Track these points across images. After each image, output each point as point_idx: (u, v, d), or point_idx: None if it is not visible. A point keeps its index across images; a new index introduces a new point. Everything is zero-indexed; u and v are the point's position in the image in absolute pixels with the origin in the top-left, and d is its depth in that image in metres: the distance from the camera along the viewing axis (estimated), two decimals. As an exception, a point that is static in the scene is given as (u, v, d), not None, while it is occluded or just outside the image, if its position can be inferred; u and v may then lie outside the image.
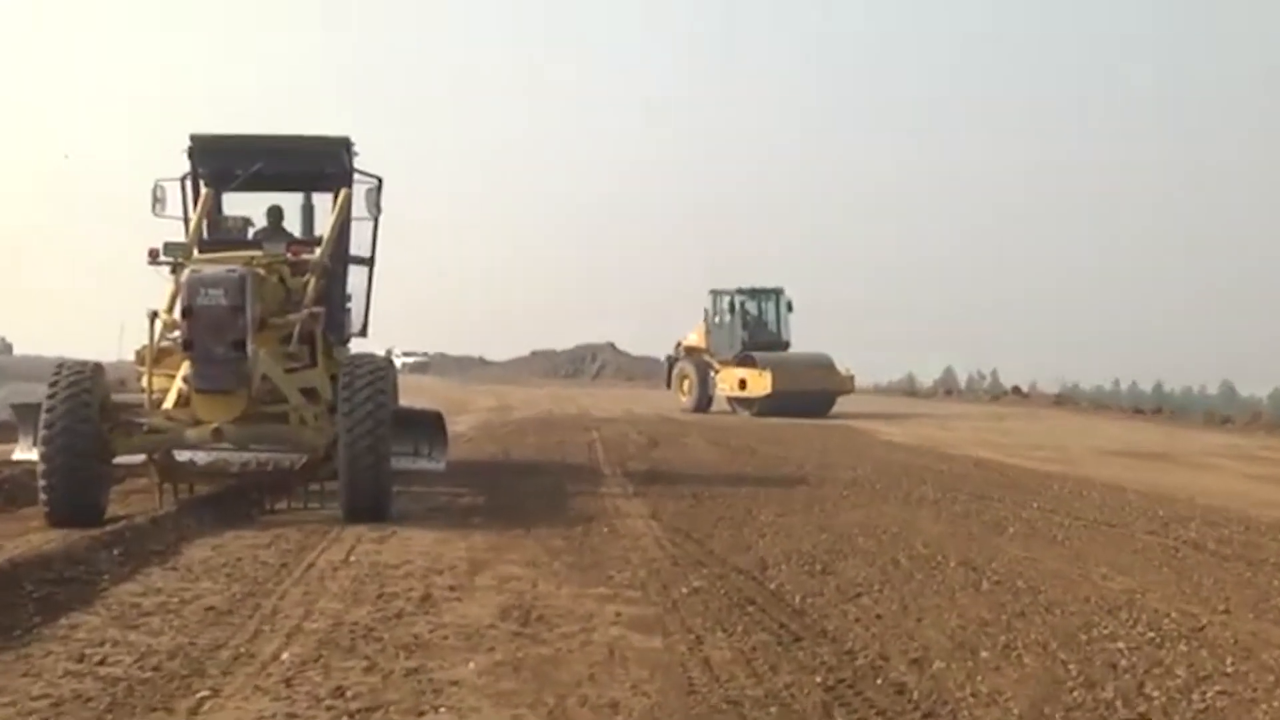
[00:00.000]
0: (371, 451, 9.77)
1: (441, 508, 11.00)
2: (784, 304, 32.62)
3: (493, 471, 14.26)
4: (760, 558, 8.43)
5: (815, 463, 15.90)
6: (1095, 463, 17.01)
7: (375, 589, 7.14)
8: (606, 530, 9.64)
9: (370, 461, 9.77)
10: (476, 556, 8.39)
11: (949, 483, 13.55)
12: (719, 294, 32.81)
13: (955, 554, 8.65)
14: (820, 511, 10.97)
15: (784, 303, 32.62)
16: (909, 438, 21.89)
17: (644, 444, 18.86)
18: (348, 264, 12.36)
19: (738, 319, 32.01)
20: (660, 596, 7.07)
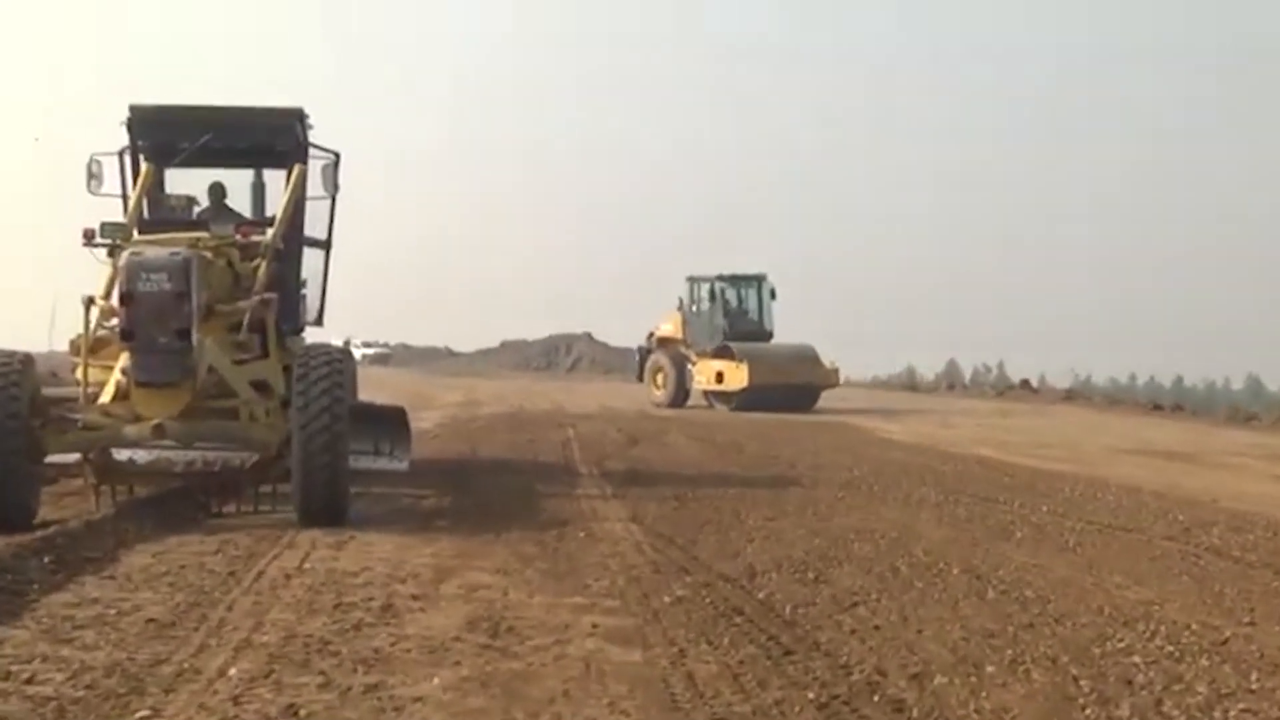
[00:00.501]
0: (328, 450, 9.74)
1: (404, 510, 10.97)
2: (767, 292, 32.75)
3: (460, 472, 14.24)
4: (748, 564, 8.43)
5: (808, 462, 15.93)
6: (1109, 462, 17.09)
7: (332, 598, 7.11)
8: (583, 535, 9.63)
9: (326, 460, 9.74)
10: (442, 563, 8.37)
11: (952, 484, 13.59)
12: (697, 281, 32.90)
13: (958, 561, 8.67)
14: (813, 515, 10.98)
15: (767, 290, 32.76)
16: (909, 435, 21.94)
17: (623, 442, 18.86)
18: (302, 246, 12.31)
19: (718, 308, 32.13)
20: (640, 606, 7.07)
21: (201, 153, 11.84)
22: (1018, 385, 44.47)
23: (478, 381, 49.81)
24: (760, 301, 32.86)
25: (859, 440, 20.48)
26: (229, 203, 12.47)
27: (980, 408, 33.73)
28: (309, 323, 12.79)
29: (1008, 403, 37.03)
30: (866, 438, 21.15)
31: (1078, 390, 42.26)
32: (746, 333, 31.80)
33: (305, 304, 12.63)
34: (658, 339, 33.14)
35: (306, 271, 12.55)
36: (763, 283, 32.88)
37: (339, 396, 9.86)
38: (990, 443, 20.34)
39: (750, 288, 33.00)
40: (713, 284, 32.52)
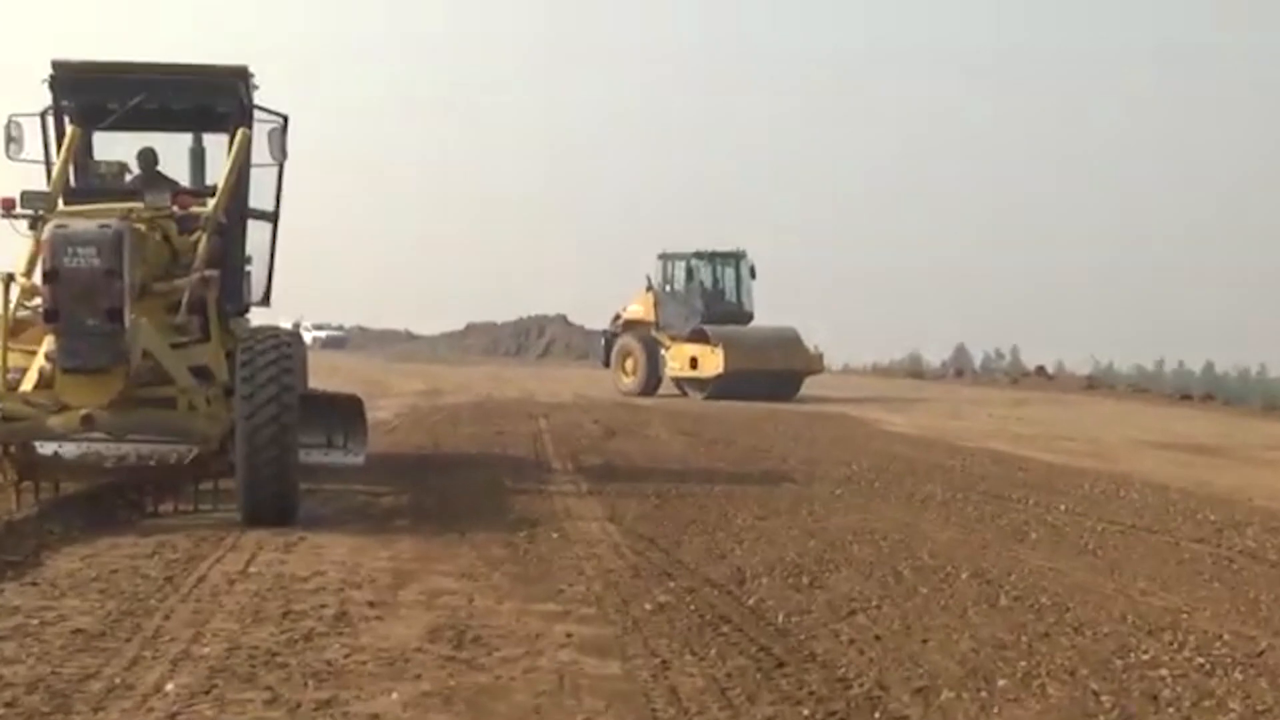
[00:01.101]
0: (275, 443, 9.71)
1: (359, 509, 10.95)
2: (746, 270, 32.84)
3: (420, 467, 14.22)
4: (737, 568, 8.44)
5: (802, 456, 15.96)
6: (1134, 457, 17.16)
7: (280, 606, 7.10)
8: (556, 535, 9.63)
9: (274, 455, 9.71)
10: (401, 567, 8.36)
11: (960, 480, 13.63)
12: (670, 258, 32.99)
13: (967, 564, 8.69)
14: (808, 514, 11.00)
15: (746, 269, 32.85)
16: (913, 427, 22.00)
17: (599, 434, 18.86)
18: (247, 219, 12.26)
19: (694, 287, 32.20)
20: (619, 614, 7.08)
21: (134, 115, 11.76)
22: (1033, 373, 44.64)
23: (441, 368, 49.73)
24: (739, 281, 32.96)
25: (858, 433, 20.52)
26: (165, 170, 12.40)
27: (992, 397, 33.83)
28: (254, 303, 12.74)
29: (1022, 392, 37.15)
30: (867, 430, 21.20)
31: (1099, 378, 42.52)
32: (725, 314, 31.92)
33: (250, 282, 12.57)
34: (625, 322, 33.22)
35: (251, 246, 12.49)
36: (741, 260, 32.95)
37: (287, 384, 9.83)
38: (1003, 435, 20.41)
39: (728, 265, 33.07)
40: (688, 261, 32.59)
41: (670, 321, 32.08)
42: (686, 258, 32.71)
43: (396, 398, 28.26)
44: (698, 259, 32.64)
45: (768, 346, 30.65)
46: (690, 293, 32.27)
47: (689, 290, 32.33)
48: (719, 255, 32.97)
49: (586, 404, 27.13)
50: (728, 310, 32.31)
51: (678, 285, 32.67)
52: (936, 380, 46.64)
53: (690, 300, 32.18)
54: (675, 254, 33.04)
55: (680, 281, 32.65)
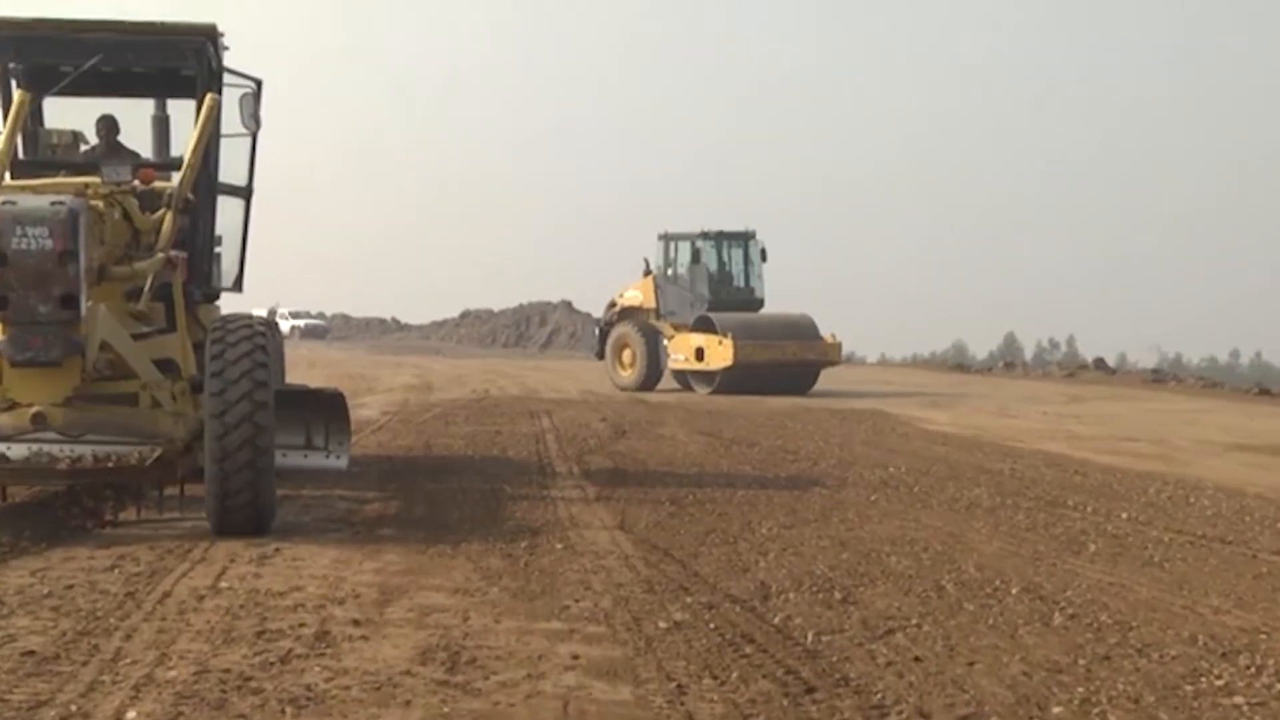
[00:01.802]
0: (248, 445, 9.72)
1: (342, 518, 10.97)
2: (756, 252, 32.89)
3: (410, 470, 14.24)
4: (761, 582, 8.44)
5: (834, 459, 15.95)
6: (1206, 459, 17.11)
7: (254, 625, 7.11)
8: (560, 546, 9.64)
9: (246, 458, 9.72)
10: (389, 581, 8.37)
11: (1010, 485, 13.61)
12: (672, 239, 33.03)
13: (1017, 578, 8.68)
14: (840, 522, 11.00)
15: (756, 251, 32.88)
16: (957, 426, 21.97)
17: (609, 434, 18.87)
18: (216, 195, 12.26)
19: (700, 271, 32.20)
20: (630, 633, 7.08)
21: (89, 78, 11.75)
22: (1091, 365, 44.55)
23: (433, 360, 49.79)
24: (749, 263, 33.00)
25: (896, 432, 20.50)
26: (124, 140, 12.42)
27: (1045, 392, 33.76)
28: (225, 288, 12.75)
29: (1079, 386, 37.08)
30: (905, 429, 21.17)
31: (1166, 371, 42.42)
32: (733, 301, 32.04)
33: (220, 265, 12.59)
34: (621, 309, 33.27)
35: (221, 226, 12.50)
36: (751, 241, 32.99)
37: (261, 379, 9.83)
38: (1057, 435, 20.36)
39: (737, 247, 33.12)
40: (693, 242, 32.61)
41: (672, 308, 32.12)
42: (691, 238, 32.71)
43: (383, 394, 28.28)
44: (703, 239, 32.64)
45: (780, 336, 30.74)
46: (695, 277, 32.28)
47: (693, 274, 32.34)
48: (726, 235, 32.98)
49: (594, 400, 27.14)
50: (736, 296, 32.36)
51: (681, 268, 32.71)
52: (983, 373, 46.56)
53: (695, 285, 32.20)
54: (678, 234, 33.05)
55: (684, 264, 32.68)
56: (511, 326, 79.22)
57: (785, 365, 30.33)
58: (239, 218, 12.79)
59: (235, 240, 12.82)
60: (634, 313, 32.87)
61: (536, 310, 79.57)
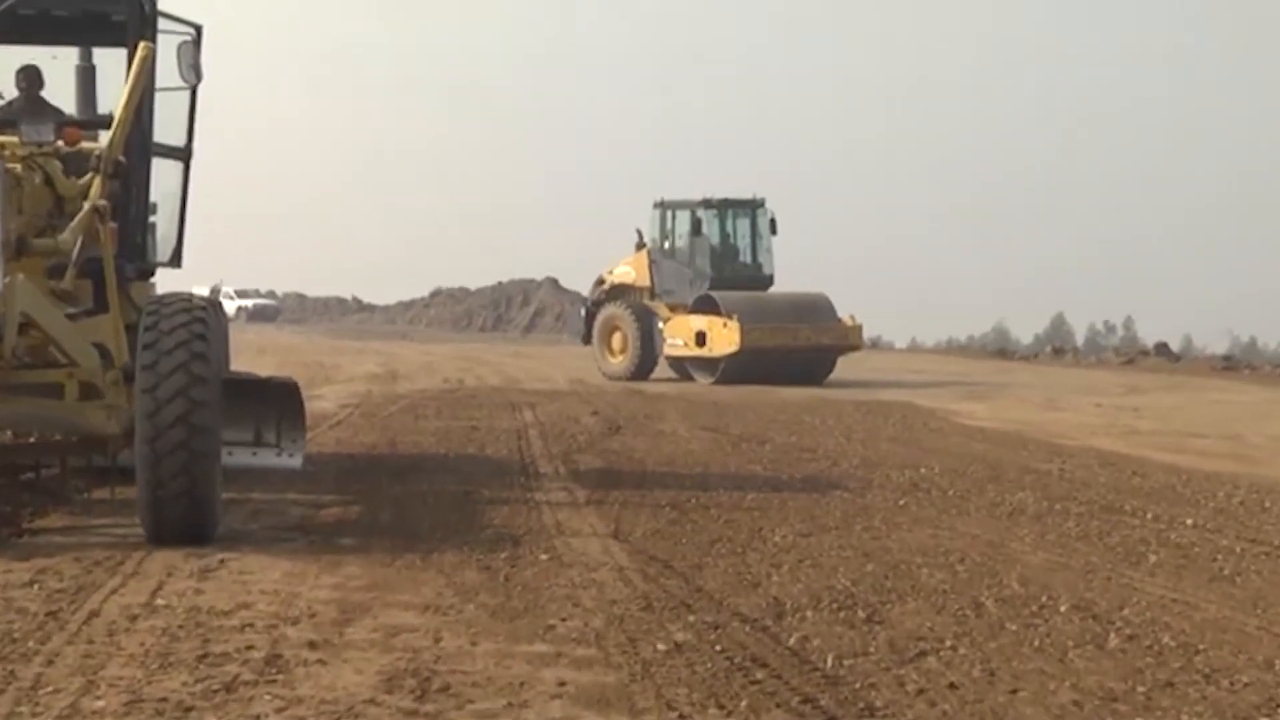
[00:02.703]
0: (187, 440, 9.70)
1: (296, 525, 10.95)
2: (765, 223, 32.82)
3: (373, 471, 14.23)
4: (774, 598, 8.44)
5: (857, 458, 15.94)
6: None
7: (195, 648, 7.10)
8: (545, 557, 9.63)
9: (182, 461, 9.72)
10: (349, 597, 8.36)
11: (1059, 488, 13.61)
12: (670, 208, 32.93)
13: (1067, 594, 8.68)
14: (864, 530, 10.99)
15: (765, 221, 32.82)
16: (998, 420, 21.96)
17: (600, 429, 18.87)
18: (151, 157, 12.24)
19: (702, 244, 32.16)
20: (625, 656, 7.07)
21: (6, 22, 11.73)
22: (1152, 350, 44.54)
23: (399, 346, 49.79)
24: (756, 236, 32.98)
25: (928, 427, 20.49)
26: (47, 95, 12.38)
27: (1100, 382, 33.75)
28: (161, 263, 12.74)
29: (1138, 374, 37.07)
30: (938, 424, 21.17)
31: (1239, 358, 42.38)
32: (739, 278, 32.03)
33: (155, 237, 12.57)
34: (611, 287, 33.23)
35: (157, 192, 12.48)
36: (759, 210, 32.93)
37: (199, 373, 9.78)
38: (1114, 430, 20.36)
39: (743, 217, 33.10)
40: (693, 211, 32.49)
41: (670, 287, 32.09)
42: (690, 206, 32.62)
43: (343, 384, 28.27)
44: (705, 208, 32.55)
45: (793, 318, 30.74)
46: (696, 250, 32.21)
47: (694, 247, 32.26)
48: (731, 204, 32.93)
49: (584, 392, 27.13)
50: (742, 272, 32.34)
51: (679, 241, 32.64)
52: (1028, 360, 46.56)
53: (695, 260, 32.14)
54: (676, 202, 32.95)
55: (682, 236, 32.61)
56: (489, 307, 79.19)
57: (798, 351, 30.35)
58: (177, 183, 12.77)
59: (173, 208, 12.80)
60: (625, 291, 32.83)
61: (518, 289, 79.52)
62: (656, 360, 31.91)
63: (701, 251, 32.20)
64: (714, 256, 32.25)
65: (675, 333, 31.26)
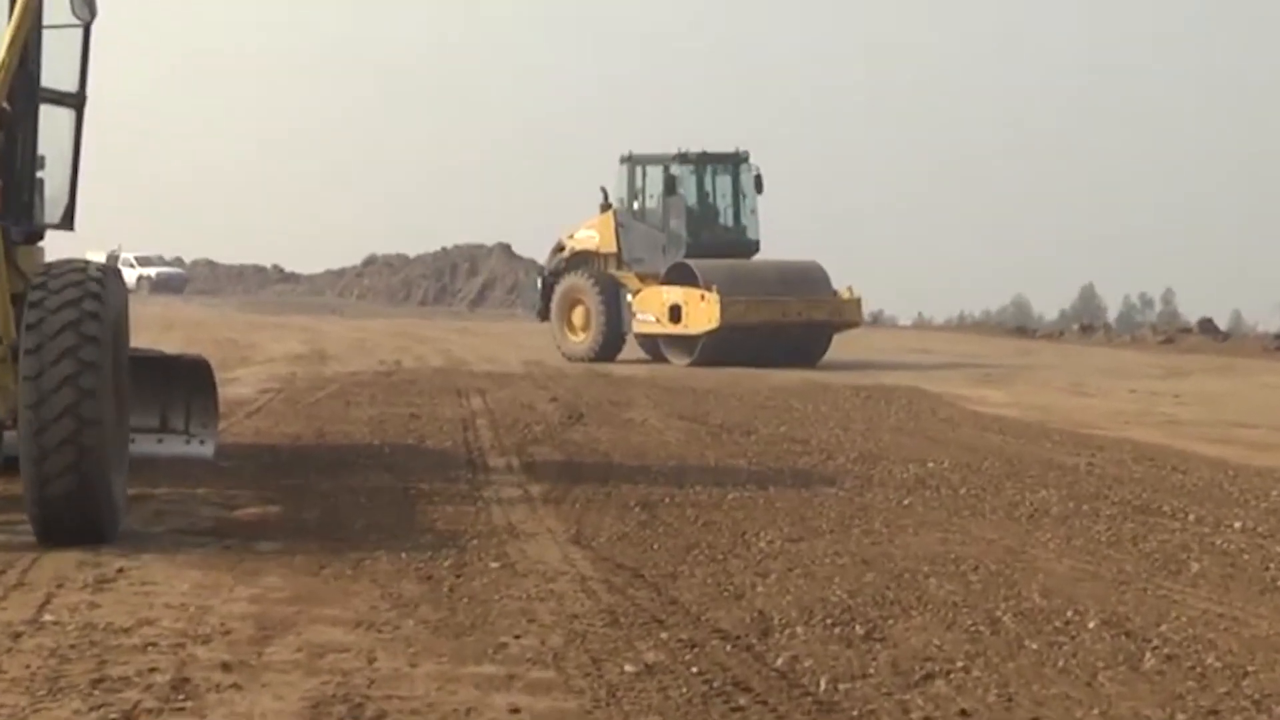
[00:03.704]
0: (76, 436, 9.69)
1: (208, 528, 10.93)
2: (749, 180, 32.73)
3: (298, 465, 14.20)
4: (759, 612, 8.44)
5: (855, 451, 15.96)
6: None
7: (89, 670, 7.08)
8: (496, 565, 9.63)
9: (72, 454, 9.71)
10: (269, 612, 8.35)
11: (1087, 486, 13.64)
12: (639, 163, 32.83)
13: (1097, 608, 8.70)
14: (863, 534, 11.01)
15: (749, 178, 32.74)
16: (1018, 407, 22.01)
17: (559, 418, 18.85)
18: (38, 104, 12.19)
19: (676, 204, 32.06)
20: (588, 679, 7.08)
21: None
22: (1195, 328, 44.66)
23: (327, 321, 49.71)
24: (739, 195, 32.92)
25: (937, 416, 20.53)
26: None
27: (1134, 364, 33.85)
28: (51, 225, 12.67)
29: (1179, 355, 37.16)
30: (949, 411, 21.20)
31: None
32: (719, 243, 31.99)
33: (45, 195, 12.52)
34: (572, 254, 33.14)
35: (45, 144, 12.43)
36: (743, 166, 32.84)
37: (90, 359, 9.75)
38: (1150, 419, 20.42)
39: (724, 173, 33.08)
40: (666, 167, 32.39)
41: (639, 254, 32.02)
42: (663, 161, 32.53)
43: (262, 365, 28.21)
44: (680, 163, 32.42)
45: (781, 289, 30.73)
46: (669, 211, 32.09)
47: (667, 208, 32.15)
48: (710, 158, 32.84)
49: (540, 374, 27.12)
50: (723, 237, 32.30)
51: (650, 201, 32.55)
52: (1052, 338, 46.65)
53: (669, 222, 32.01)
54: (647, 156, 32.88)
55: (654, 196, 32.53)
56: (431, 277, 79.12)
57: (788, 328, 30.35)
58: (68, 133, 12.69)
59: (64, 163, 12.73)
60: (588, 259, 32.76)
61: (464, 255, 79.44)
62: (624, 338, 31.85)
63: (676, 213, 32.08)
64: (690, 219, 32.13)
65: (646, 306, 31.19)
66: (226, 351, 30.39)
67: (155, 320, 36.02)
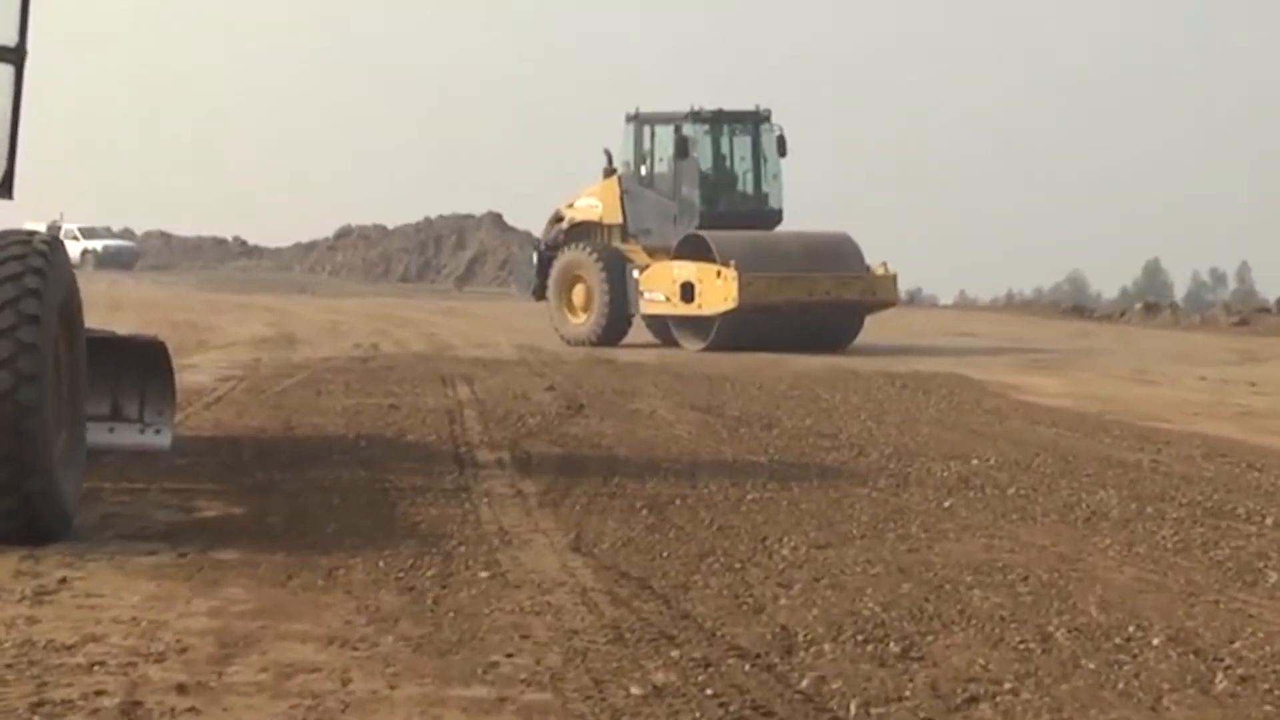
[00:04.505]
0: (14, 424, 9.72)
1: (162, 532, 10.93)
2: (772, 142, 32.55)
3: (263, 461, 14.21)
4: (782, 628, 8.45)
5: (890, 446, 15.96)
6: None
7: (28, 694, 7.09)
8: (486, 575, 9.64)
9: (10, 443, 9.76)
10: (231, 627, 8.35)
11: (1152, 485, 13.62)
12: (648, 123, 32.72)
13: (1162, 623, 8.70)
14: (898, 540, 11.01)
15: (772, 140, 32.55)
16: (1073, 397, 22.00)
17: (558, 409, 18.86)
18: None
19: (690, 169, 32.05)
20: (590, 704, 7.09)
21: None
22: (1273, 308, 44.57)
23: (296, 301, 49.76)
24: (760, 159, 32.82)
25: (981, 407, 20.52)
26: None
27: (1205, 348, 33.82)
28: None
29: (1255, 338, 37.14)
30: (995, 402, 21.20)
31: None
32: (737, 213, 32.00)
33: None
34: (572, 225, 33.07)
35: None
36: (764, 126, 32.71)
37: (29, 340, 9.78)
38: (1223, 411, 20.41)
39: (743, 134, 33.01)
40: (677, 127, 32.21)
41: (647, 224, 31.96)
42: (674, 120, 32.35)
43: (223, 349, 28.25)
44: (693, 122, 32.29)
45: (807, 265, 30.70)
46: (681, 177, 31.99)
47: (679, 172, 32.06)
48: (727, 117, 32.76)
49: (536, 361, 27.12)
50: (742, 206, 32.28)
51: (660, 165, 32.50)
52: (1111, 319, 46.61)
53: (680, 190, 31.91)
54: (656, 115, 32.76)
55: (664, 159, 32.48)
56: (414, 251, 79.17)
57: (814, 308, 30.34)
58: (7, 92, 12.72)
59: (2, 123, 12.76)
60: (590, 231, 32.75)
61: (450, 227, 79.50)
62: (631, 320, 31.81)
63: (688, 178, 31.98)
64: (704, 185, 32.05)
65: (654, 284, 31.10)
66: (183, 334, 30.42)
67: (101, 300, 35.99)
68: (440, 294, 62.84)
